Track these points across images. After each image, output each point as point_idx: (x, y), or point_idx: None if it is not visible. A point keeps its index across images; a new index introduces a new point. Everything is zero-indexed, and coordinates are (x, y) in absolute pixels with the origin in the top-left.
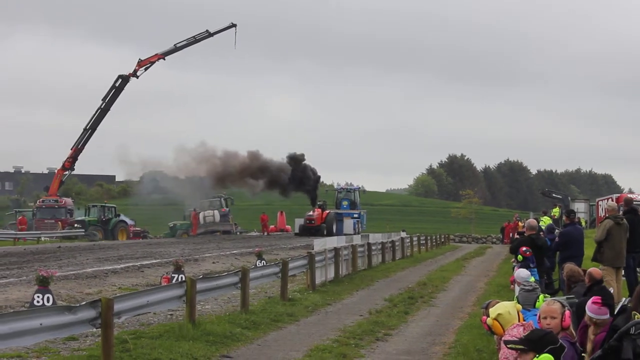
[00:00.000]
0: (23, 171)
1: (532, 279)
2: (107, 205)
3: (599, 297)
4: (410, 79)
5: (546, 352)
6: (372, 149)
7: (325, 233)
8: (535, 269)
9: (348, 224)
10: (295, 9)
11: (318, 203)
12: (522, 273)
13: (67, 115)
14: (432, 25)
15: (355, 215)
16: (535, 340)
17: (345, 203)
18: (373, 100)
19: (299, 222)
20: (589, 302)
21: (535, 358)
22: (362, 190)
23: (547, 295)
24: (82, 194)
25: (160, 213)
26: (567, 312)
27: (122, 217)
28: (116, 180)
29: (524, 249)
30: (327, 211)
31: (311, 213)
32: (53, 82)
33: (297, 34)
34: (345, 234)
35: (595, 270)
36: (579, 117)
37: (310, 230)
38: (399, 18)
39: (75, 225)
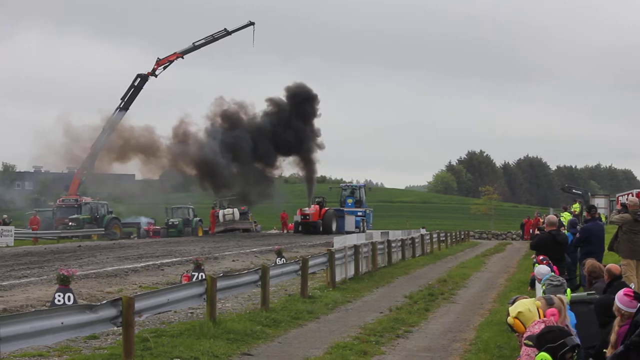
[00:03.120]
0: (43, 171)
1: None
2: (100, 202)
3: (631, 290)
4: (425, 75)
5: (543, 351)
6: (390, 145)
7: (321, 230)
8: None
9: (350, 222)
10: (302, 6)
11: (316, 200)
12: (542, 269)
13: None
14: (448, 20)
15: (360, 213)
16: (537, 338)
17: (350, 201)
18: (388, 96)
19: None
20: (621, 293)
21: (536, 356)
22: (368, 187)
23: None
24: (101, 193)
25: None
26: (549, 310)
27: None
28: (135, 179)
29: (540, 257)
30: (326, 208)
31: (306, 208)
32: (65, 80)
33: (305, 30)
34: (348, 232)
35: (613, 266)
36: (599, 112)
37: (306, 226)
38: (411, 13)
39: (70, 223)
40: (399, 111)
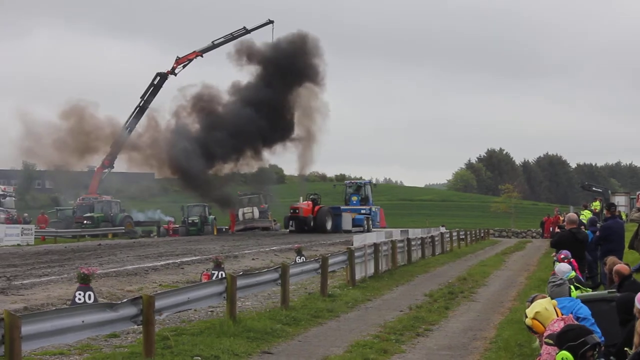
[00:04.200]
0: (63, 169)
1: (573, 274)
2: (112, 200)
3: None
4: (443, 72)
5: (564, 349)
6: (408, 143)
7: (312, 226)
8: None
9: (347, 220)
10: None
11: (310, 196)
12: (562, 267)
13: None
14: (466, 15)
15: (364, 211)
16: (558, 336)
17: (354, 199)
18: (406, 93)
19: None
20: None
21: (557, 354)
22: (373, 185)
23: (578, 285)
24: (122, 192)
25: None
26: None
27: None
28: (155, 177)
29: (562, 256)
30: (320, 206)
31: (297, 203)
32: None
33: (321, 26)
34: (345, 231)
35: (621, 266)
36: (619, 109)
37: (297, 222)
38: (429, 8)
39: (85, 222)
40: (418, 108)
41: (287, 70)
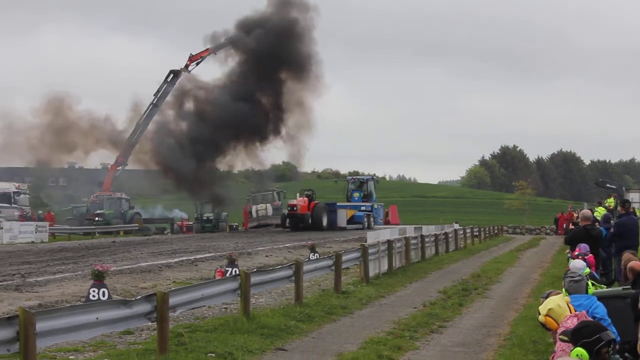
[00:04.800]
0: (77, 167)
1: (587, 271)
2: (122, 197)
3: None
4: (456, 68)
5: (579, 346)
6: (422, 140)
7: (310, 222)
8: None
9: (342, 217)
10: None
11: (305, 192)
12: (577, 264)
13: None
14: (482, 13)
15: (364, 208)
16: (573, 333)
17: (356, 195)
18: (419, 89)
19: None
20: None
21: (571, 351)
22: (376, 180)
23: (594, 282)
24: (135, 189)
25: None
26: None
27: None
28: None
29: (576, 252)
30: (315, 202)
31: (294, 200)
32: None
33: (334, 20)
34: (340, 228)
35: (635, 263)
36: (633, 106)
37: (294, 220)
38: (444, 3)
39: (97, 218)
40: (431, 105)
41: (272, 60)
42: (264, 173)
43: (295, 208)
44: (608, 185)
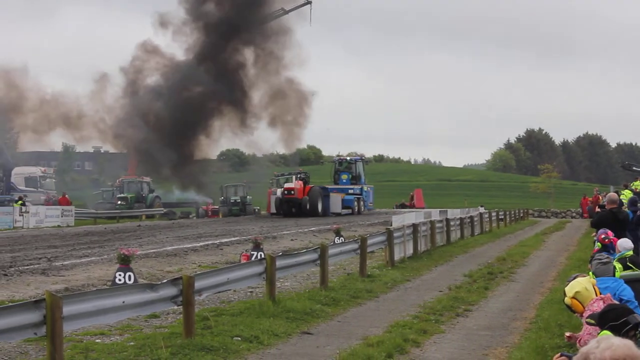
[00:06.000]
0: (102, 151)
1: (630, 252)
2: (143, 181)
3: None
4: (481, 51)
5: (606, 329)
6: (447, 123)
7: (308, 208)
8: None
9: (335, 202)
10: None
11: (299, 175)
12: (625, 243)
13: None
14: None
15: (352, 191)
16: (600, 316)
17: (344, 177)
18: (445, 72)
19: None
20: None
21: (598, 334)
22: (365, 161)
23: (630, 265)
24: (159, 173)
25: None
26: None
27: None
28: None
29: (602, 236)
30: (310, 185)
31: (290, 184)
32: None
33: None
34: (334, 214)
35: None
36: None
37: (290, 204)
38: None
39: (119, 202)
40: (457, 88)
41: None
42: (289, 157)
43: (292, 192)
44: (634, 168)
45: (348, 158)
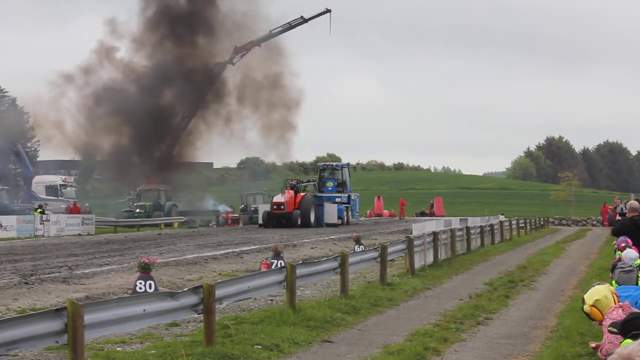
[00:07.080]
0: None
1: (639, 261)
2: (160, 189)
3: None
4: (501, 58)
5: (629, 338)
6: (467, 131)
7: (299, 223)
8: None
9: (331, 211)
10: None
11: (289, 183)
12: (630, 254)
13: None
14: (527, 1)
15: (339, 199)
16: (622, 325)
17: (330, 184)
18: (465, 79)
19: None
20: None
21: (621, 343)
22: (352, 167)
23: None
24: (180, 181)
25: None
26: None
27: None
28: (213, 167)
29: (623, 244)
30: (302, 194)
31: (280, 196)
32: None
33: (373, 11)
34: (328, 224)
35: None
36: None
37: (279, 219)
38: None
39: (137, 210)
40: (476, 96)
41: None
42: (308, 165)
43: (282, 207)
44: None
45: (333, 164)
